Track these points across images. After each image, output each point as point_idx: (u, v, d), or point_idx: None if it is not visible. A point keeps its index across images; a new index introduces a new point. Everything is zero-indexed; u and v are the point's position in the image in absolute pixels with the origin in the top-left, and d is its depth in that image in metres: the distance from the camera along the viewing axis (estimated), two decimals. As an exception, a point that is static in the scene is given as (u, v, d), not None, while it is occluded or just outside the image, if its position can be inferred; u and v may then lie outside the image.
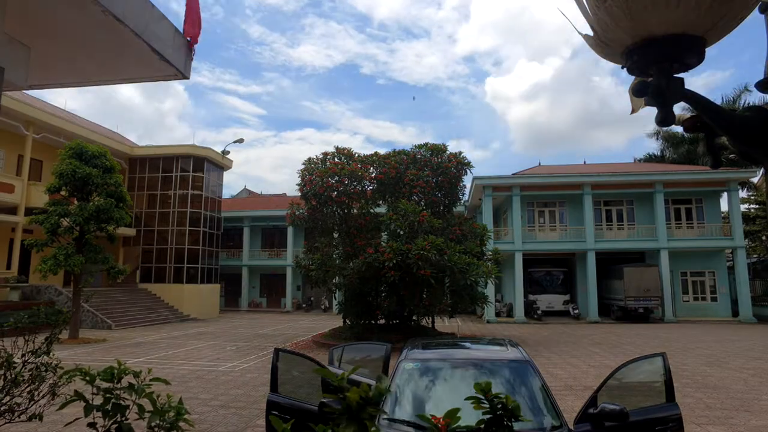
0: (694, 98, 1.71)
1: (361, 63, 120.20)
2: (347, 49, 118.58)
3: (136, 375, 2.61)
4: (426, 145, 19.14)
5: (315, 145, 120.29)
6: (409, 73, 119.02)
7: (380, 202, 19.24)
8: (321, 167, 17.93)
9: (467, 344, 5.38)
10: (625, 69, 1.77)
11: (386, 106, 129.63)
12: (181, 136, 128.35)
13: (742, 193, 32.64)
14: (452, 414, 1.84)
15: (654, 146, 45.84)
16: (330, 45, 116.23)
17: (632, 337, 18.99)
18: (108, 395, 2.51)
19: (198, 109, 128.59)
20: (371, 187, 18.70)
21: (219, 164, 32.28)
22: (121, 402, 2.52)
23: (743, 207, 31.58)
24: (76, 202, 17.85)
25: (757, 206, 33.35)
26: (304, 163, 18.42)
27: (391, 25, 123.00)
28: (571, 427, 3.76)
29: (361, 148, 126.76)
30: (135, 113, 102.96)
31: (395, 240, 15.80)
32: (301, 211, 18.31)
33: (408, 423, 3.61)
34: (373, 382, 1.90)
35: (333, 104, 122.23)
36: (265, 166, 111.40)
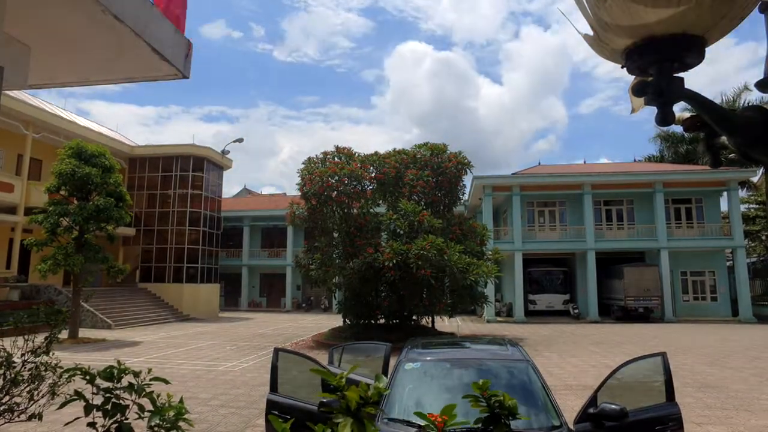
0: (694, 98, 1.71)
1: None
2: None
3: (136, 374, 2.61)
4: (426, 144, 19.16)
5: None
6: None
7: (380, 201, 19.24)
8: (321, 167, 17.93)
9: (467, 344, 5.38)
10: (625, 68, 1.77)
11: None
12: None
13: (742, 193, 32.64)
14: (448, 411, 1.83)
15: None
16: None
17: (632, 336, 18.99)
18: (108, 395, 2.51)
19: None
20: (371, 187, 18.70)
21: (219, 164, 32.27)
22: (121, 401, 2.53)
23: (743, 207, 31.57)
24: (75, 201, 17.83)
25: (757, 206, 33.32)
26: (303, 163, 18.43)
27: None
28: (571, 427, 3.76)
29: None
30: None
31: (395, 240, 15.81)
32: (300, 210, 18.31)
33: (407, 423, 3.61)
34: (372, 382, 1.90)
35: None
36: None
